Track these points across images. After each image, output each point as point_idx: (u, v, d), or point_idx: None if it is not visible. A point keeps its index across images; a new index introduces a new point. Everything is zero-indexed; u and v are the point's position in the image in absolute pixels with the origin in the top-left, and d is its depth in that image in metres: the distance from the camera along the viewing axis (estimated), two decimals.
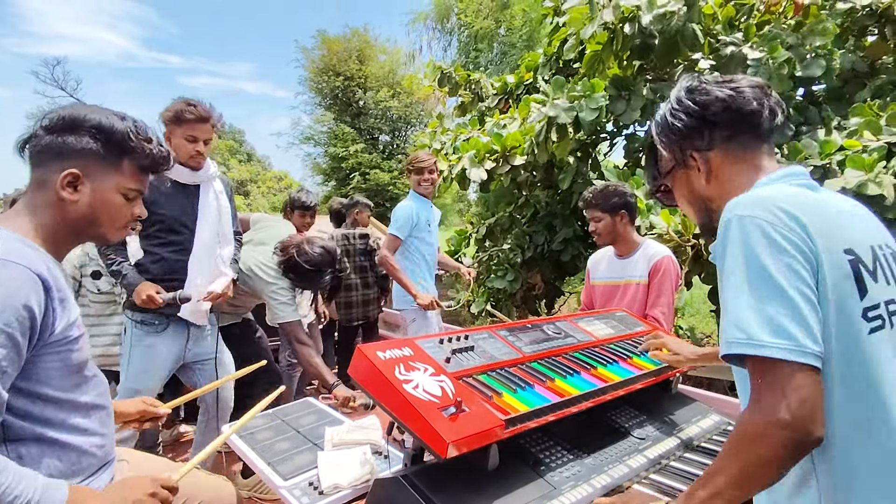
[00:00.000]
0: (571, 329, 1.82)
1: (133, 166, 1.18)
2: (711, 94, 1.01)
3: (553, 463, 1.31)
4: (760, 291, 0.77)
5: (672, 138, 1.07)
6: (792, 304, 0.75)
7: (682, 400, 1.84)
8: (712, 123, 1.01)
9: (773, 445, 0.73)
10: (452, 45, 19.60)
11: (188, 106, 2.16)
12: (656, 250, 2.46)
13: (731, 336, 0.78)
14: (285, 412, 2.00)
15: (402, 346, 1.35)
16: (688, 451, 1.52)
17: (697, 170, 1.05)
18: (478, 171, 4.45)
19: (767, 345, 0.74)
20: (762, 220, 0.81)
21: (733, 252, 0.83)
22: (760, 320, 0.75)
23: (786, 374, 0.73)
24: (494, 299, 5.38)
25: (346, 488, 1.44)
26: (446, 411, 1.15)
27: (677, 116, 1.04)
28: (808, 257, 0.79)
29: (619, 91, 3.98)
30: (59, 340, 1.04)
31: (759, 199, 0.85)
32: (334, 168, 22.52)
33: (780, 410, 0.72)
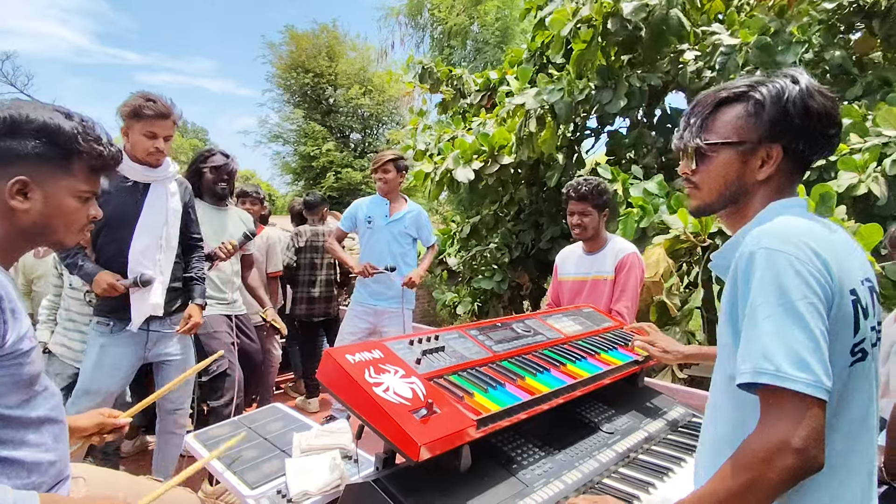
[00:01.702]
0: (540, 327, 1.83)
1: (84, 167, 1.12)
2: (836, 109, 0.93)
3: (525, 461, 1.32)
4: (787, 326, 0.79)
5: (773, 116, 0.93)
6: (815, 341, 0.78)
7: (649, 393, 1.88)
8: (819, 135, 0.93)
9: (780, 469, 0.76)
10: (425, 41, 19.43)
11: (147, 101, 2.08)
12: (622, 246, 2.51)
13: (758, 366, 0.80)
14: (252, 419, 1.95)
15: (372, 348, 1.33)
16: (655, 444, 1.56)
17: (761, 162, 0.96)
18: (465, 171, 4.41)
19: (793, 378, 0.77)
20: (793, 258, 0.82)
21: (763, 284, 0.83)
22: (787, 354, 0.78)
23: (801, 405, 0.77)
24: (481, 300, 5.34)
25: (316, 495, 1.41)
26: (417, 413, 1.13)
27: (804, 104, 0.91)
28: (828, 296, 0.82)
29: (605, 81, 3.98)
30: (9, 354, 0.99)
31: (787, 234, 0.85)
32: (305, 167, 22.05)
33: (792, 438, 0.76)
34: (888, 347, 1.61)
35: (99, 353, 2.16)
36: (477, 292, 5.34)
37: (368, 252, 3.37)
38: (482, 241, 5.55)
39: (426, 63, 6.30)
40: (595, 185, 2.45)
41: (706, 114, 1.01)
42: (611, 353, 1.78)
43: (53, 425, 1.12)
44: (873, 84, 3.54)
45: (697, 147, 1.01)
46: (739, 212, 1.01)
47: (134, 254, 2.16)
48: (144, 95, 2.10)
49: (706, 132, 1.00)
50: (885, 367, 1.63)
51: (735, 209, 1.02)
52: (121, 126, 2.13)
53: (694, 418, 1.77)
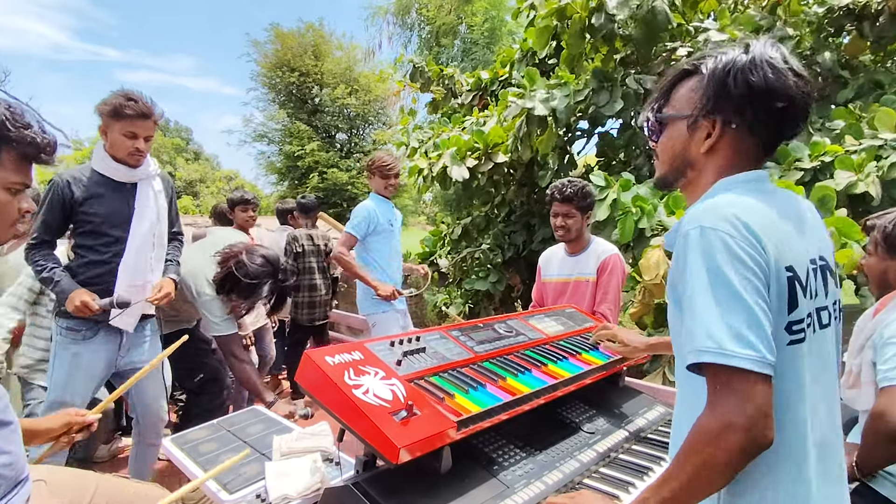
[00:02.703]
0: (522, 327, 1.84)
1: (14, 157, 1.03)
2: (785, 82, 0.88)
3: (506, 462, 1.32)
4: (725, 302, 0.79)
5: (712, 90, 0.91)
6: (754, 317, 0.78)
7: (630, 393, 1.90)
8: (762, 110, 0.89)
9: (728, 448, 0.75)
10: (413, 41, 19.36)
11: (128, 100, 2.02)
12: (605, 248, 2.53)
13: (701, 345, 0.80)
14: (231, 422, 1.91)
15: (352, 350, 1.32)
16: (635, 443, 1.57)
17: (706, 136, 0.94)
18: (460, 168, 4.37)
19: (735, 355, 0.76)
20: (724, 234, 0.82)
21: (695, 262, 0.83)
22: (728, 331, 0.78)
23: (746, 382, 0.76)
24: (472, 301, 5.31)
25: (296, 498, 1.39)
26: (397, 415, 1.13)
27: (744, 78, 0.88)
28: (764, 271, 0.82)
29: (602, 83, 3.96)
30: None
31: (720, 211, 0.85)
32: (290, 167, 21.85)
33: (738, 415, 0.75)
34: (864, 340, 1.64)
35: (72, 362, 2.10)
36: (468, 293, 5.30)
37: (389, 255, 3.25)
38: (472, 242, 5.52)
39: (417, 62, 6.26)
40: (580, 188, 2.46)
41: (668, 86, 1.01)
42: (592, 353, 1.79)
43: (3, 428, 1.07)
44: (865, 86, 3.55)
45: (648, 119, 1.04)
46: (691, 186, 1.00)
47: (129, 254, 2.12)
48: (125, 94, 2.05)
49: (666, 104, 1.01)
50: (857, 358, 1.66)
51: (686, 183, 1.01)
52: (98, 124, 2.07)
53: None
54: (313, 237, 4.12)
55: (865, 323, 1.67)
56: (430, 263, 5.90)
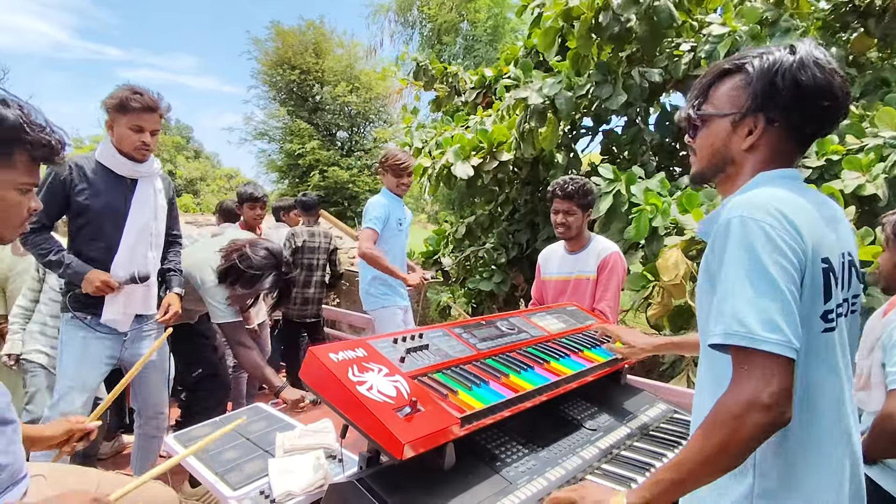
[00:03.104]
0: (524, 325, 1.84)
1: (26, 159, 1.05)
2: (831, 81, 0.90)
3: (508, 458, 1.32)
4: (759, 288, 0.82)
5: (759, 88, 0.93)
6: (785, 303, 0.81)
7: (631, 390, 1.91)
8: (808, 108, 0.92)
9: (750, 425, 0.79)
10: (414, 38, 19.31)
11: (134, 94, 2.03)
12: (605, 246, 2.54)
13: (730, 328, 0.83)
14: (233, 419, 1.92)
15: (356, 346, 1.33)
16: (637, 440, 1.57)
17: (747, 133, 0.96)
18: (464, 167, 4.33)
19: (764, 339, 0.80)
20: (765, 224, 0.84)
21: (735, 249, 0.86)
22: (758, 316, 0.81)
23: (771, 364, 0.80)
24: (476, 300, 5.26)
25: (300, 495, 1.40)
26: (401, 412, 1.13)
27: (793, 77, 0.90)
28: (801, 261, 0.85)
29: (605, 76, 3.90)
30: None
31: (762, 202, 0.87)
32: (290, 165, 21.76)
33: (762, 395, 0.78)
34: (873, 341, 1.64)
35: (82, 345, 2.11)
36: (472, 293, 5.24)
37: (394, 255, 3.23)
38: (476, 241, 5.47)
39: (421, 60, 6.20)
40: (581, 185, 2.46)
41: (707, 84, 1.03)
42: (594, 351, 1.80)
43: (5, 426, 1.08)
44: (871, 84, 3.52)
45: (689, 116, 1.05)
46: (729, 181, 1.03)
47: (123, 251, 2.12)
48: (131, 88, 2.05)
49: (705, 102, 1.03)
50: (867, 360, 1.66)
51: (725, 178, 1.03)
52: (105, 119, 2.08)
53: (675, 414, 1.80)
54: (315, 234, 4.11)
55: (875, 324, 1.67)
56: (434, 262, 5.87)
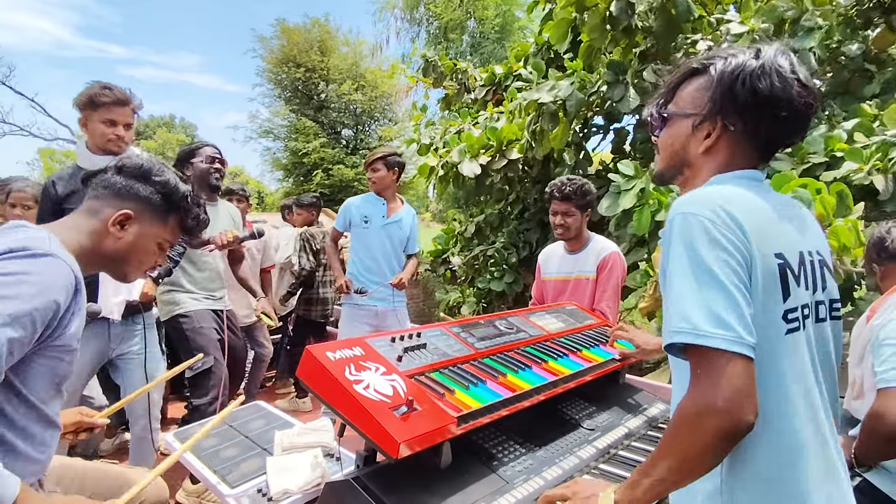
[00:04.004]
0: (523, 324, 1.84)
1: (177, 223, 1.32)
2: (789, 92, 0.88)
3: (505, 457, 1.32)
4: (702, 285, 0.80)
5: (718, 92, 0.92)
6: (731, 298, 0.79)
7: (630, 390, 1.90)
8: (764, 116, 0.91)
9: (706, 432, 0.75)
10: (420, 36, 19.28)
11: (103, 89, 2.08)
12: (604, 246, 2.53)
13: (675, 326, 0.80)
14: (233, 417, 1.93)
15: (353, 345, 1.33)
16: (635, 440, 1.57)
17: (705, 136, 0.96)
18: (471, 165, 4.27)
19: (709, 335, 0.77)
20: (704, 218, 0.83)
21: (677, 247, 0.85)
22: (703, 312, 0.78)
23: (722, 363, 0.76)
24: (486, 300, 5.21)
25: (297, 493, 1.40)
26: (398, 411, 1.13)
27: (751, 84, 0.89)
28: (745, 256, 0.83)
29: (617, 76, 3.80)
30: (59, 347, 1.07)
31: (704, 198, 0.86)
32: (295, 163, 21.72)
33: (714, 398, 0.75)
34: (863, 348, 1.64)
35: None
36: (481, 292, 5.18)
37: (362, 253, 3.29)
38: (485, 240, 5.41)
39: (430, 56, 6.12)
40: (579, 186, 2.46)
41: (675, 83, 1.02)
42: (593, 351, 1.80)
43: (55, 430, 1.16)
44: (892, 81, 3.44)
45: (652, 114, 1.04)
46: (687, 183, 1.02)
47: None
48: (101, 84, 2.10)
49: (671, 101, 1.02)
50: (859, 368, 1.66)
51: (683, 180, 1.03)
52: (78, 118, 2.11)
53: None
54: (324, 234, 4.19)
55: (860, 331, 1.68)
56: (443, 261, 5.83)
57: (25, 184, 2.70)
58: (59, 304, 1.02)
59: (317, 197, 4.48)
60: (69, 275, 1.04)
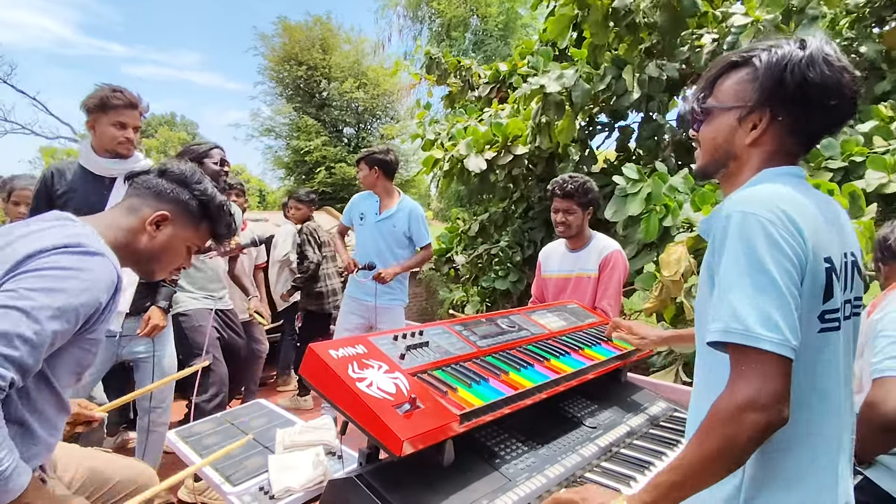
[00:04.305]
0: (525, 322, 1.84)
1: (208, 230, 1.38)
2: (840, 79, 0.88)
3: (508, 455, 1.32)
4: (757, 286, 0.81)
5: (765, 83, 0.91)
6: (784, 301, 0.80)
7: (632, 388, 1.90)
8: (814, 105, 0.90)
9: (748, 426, 0.78)
10: (423, 34, 19.23)
11: (114, 92, 2.08)
12: (606, 244, 2.53)
13: (727, 325, 0.82)
14: (234, 415, 1.93)
15: (356, 343, 1.33)
16: (637, 438, 1.57)
17: (751, 128, 0.95)
18: (476, 160, 4.26)
19: (761, 337, 0.78)
20: (765, 219, 0.83)
21: (734, 245, 0.85)
22: (756, 313, 0.80)
23: (767, 363, 0.79)
24: (490, 299, 5.20)
25: (299, 491, 1.40)
26: (401, 408, 1.13)
27: (801, 73, 0.88)
28: (800, 259, 0.83)
29: (620, 71, 3.76)
30: (90, 339, 1.11)
31: (763, 199, 0.86)
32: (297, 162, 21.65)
33: (757, 395, 0.78)
34: (863, 343, 1.64)
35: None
36: (486, 291, 5.16)
37: (359, 248, 3.39)
38: (489, 239, 5.38)
39: (434, 53, 6.09)
40: (581, 184, 2.46)
41: (713, 77, 1.01)
42: (594, 349, 1.80)
43: (66, 414, 1.20)
44: None
45: (693, 109, 1.04)
46: (731, 177, 1.01)
47: None
48: (110, 87, 2.10)
49: (710, 95, 1.01)
50: (859, 362, 1.66)
51: (727, 174, 1.02)
52: (86, 120, 2.10)
53: (676, 413, 1.80)
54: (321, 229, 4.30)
55: (861, 326, 1.67)
56: (447, 260, 5.81)
57: (29, 181, 2.70)
58: (102, 302, 1.06)
59: (315, 193, 4.51)
60: (113, 273, 1.09)
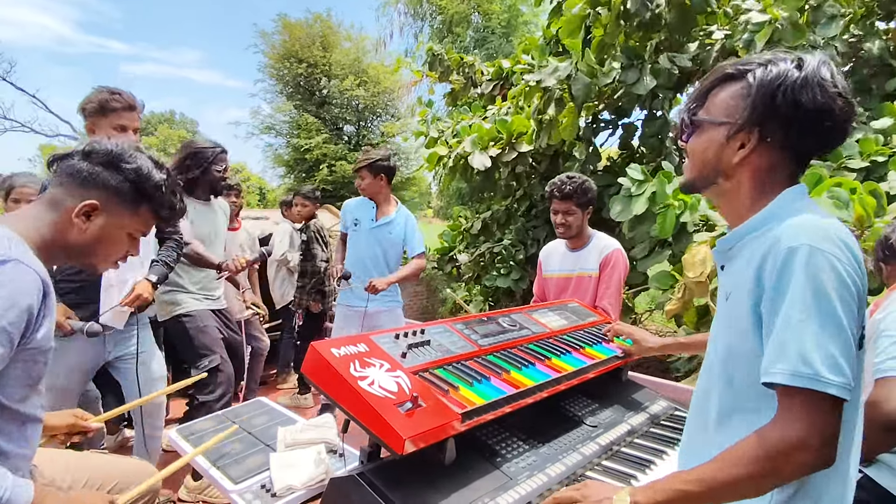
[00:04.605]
0: (526, 321, 1.84)
1: (150, 213, 1.24)
2: (832, 105, 0.86)
3: (509, 454, 1.32)
4: (826, 328, 0.79)
5: (757, 101, 0.89)
6: (848, 344, 0.79)
7: (632, 387, 1.91)
8: (805, 129, 0.88)
9: (795, 465, 0.78)
10: (424, 31, 19.13)
11: (112, 95, 2.05)
12: (606, 243, 2.53)
13: (797, 370, 0.79)
14: (236, 413, 1.93)
15: (358, 342, 1.33)
16: (637, 437, 1.58)
17: (739, 147, 0.92)
18: (481, 157, 4.22)
19: (829, 382, 0.77)
20: (833, 257, 0.81)
21: (802, 283, 0.81)
22: (823, 355, 0.78)
23: (828, 406, 0.78)
24: (493, 298, 5.17)
25: (300, 489, 1.40)
26: (402, 407, 1.13)
27: (794, 96, 0.86)
28: (861, 295, 0.83)
29: (631, 60, 3.67)
30: (32, 350, 1.04)
31: (827, 232, 0.83)
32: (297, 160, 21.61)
33: (813, 436, 0.77)
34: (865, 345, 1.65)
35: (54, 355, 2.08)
36: (488, 290, 5.13)
37: (353, 255, 3.23)
38: (492, 237, 5.34)
39: (437, 50, 6.04)
40: (579, 184, 2.46)
41: (706, 88, 0.99)
42: (595, 348, 1.80)
43: (38, 424, 1.15)
44: None
45: (683, 120, 1.01)
46: (727, 195, 0.99)
47: None
48: (108, 90, 2.07)
49: (702, 107, 0.99)
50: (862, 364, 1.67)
51: (719, 191, 0.99)
52: (85, 124, 2.09)
53: (676, 411, 1.80)
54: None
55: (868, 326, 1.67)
56: (450, 259, 5.77)
57: (29, 179, 2.68)
58: (33, 311, 0.99)
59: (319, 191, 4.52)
60: (32, 275, 1.00)
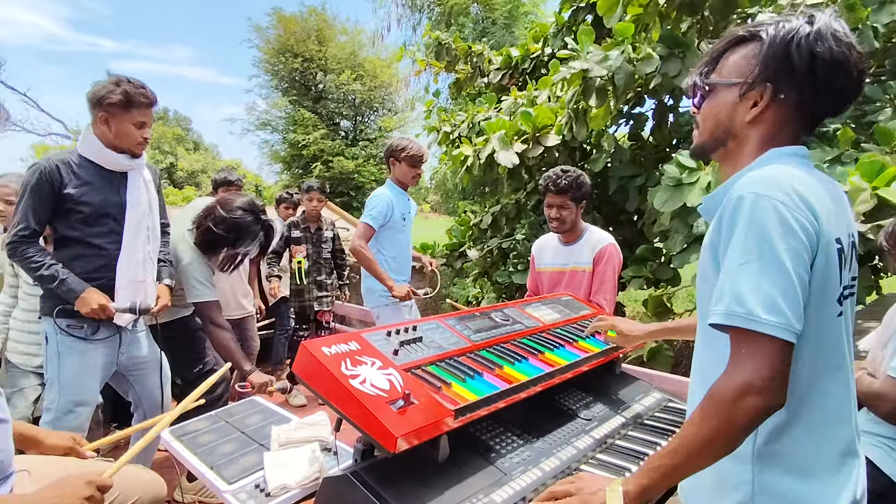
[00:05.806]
0: (519, 315, 1.84)
1: None
2: (848, 56, 0.85)
3: (503, 449, 1.32)
4: (765, 269, 0.80)
5: (770, 58, 0.88)
6: (790, 285, 0.79)
7: (626, 379, 1.91)
8: (821, 83, 0.87)
9: (745, 409, 0.78)
10: (422, 23, 18.94)
11: (138, 89, 1.98)
12: (600, 237, 2.53)
13: (731, 308, 0.81)
14: (229, 413, 1.92)
15: (349, 340, 1.32)
16: (632, 430, 1.58)
17: (752, 105, 0.92)
18: (507, 154, 4.05)
19: (762, 321, 0.78)
20: (779, 202, 0.81)
21: (745, 227, 0.83)
22: (760, 297, 0.79)
23: (768, 347, 0.78)
24: (507, 294, 5.06)
25: (295, 488, 1.40)
26: (394, 405, 1.13)
27: (809, 48, 0.85)
28: (812, 241, 0.82)
29: (672, 50, 3.45)
30: None
31: (777, 180, 0.84)
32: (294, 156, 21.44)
33: (757, 378, 0.77)
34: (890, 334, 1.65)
35: (81, 362, 2.03)
36: (500, 286, 5.02)
37: (398, 252, 3.10)
38: (500, 232, 5.21)
39: (444, 38, 5.89)
40: (575, 178, 2.45)
41: (718, 51, 0.98)
42: (588, 341, 1.80)
43: (5, 425, 1.13)
44: None
45: (695, 84, 1.01)
46: (730, 156, 0.98)
47: (126, 247, 2.08)
48: (133, 83, 1.99)
49: (714, 70, 0.98)
50: (883, 350, 1.66)
51: (726, 153, 0.99)
52: (96, 113, 1.98)
53: (670, 403, 1.80)
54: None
55: (892, 318, 1.68)
56: (460, 255, 5.63)
57: (8, 178, 2.61)
58: None
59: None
60: None
